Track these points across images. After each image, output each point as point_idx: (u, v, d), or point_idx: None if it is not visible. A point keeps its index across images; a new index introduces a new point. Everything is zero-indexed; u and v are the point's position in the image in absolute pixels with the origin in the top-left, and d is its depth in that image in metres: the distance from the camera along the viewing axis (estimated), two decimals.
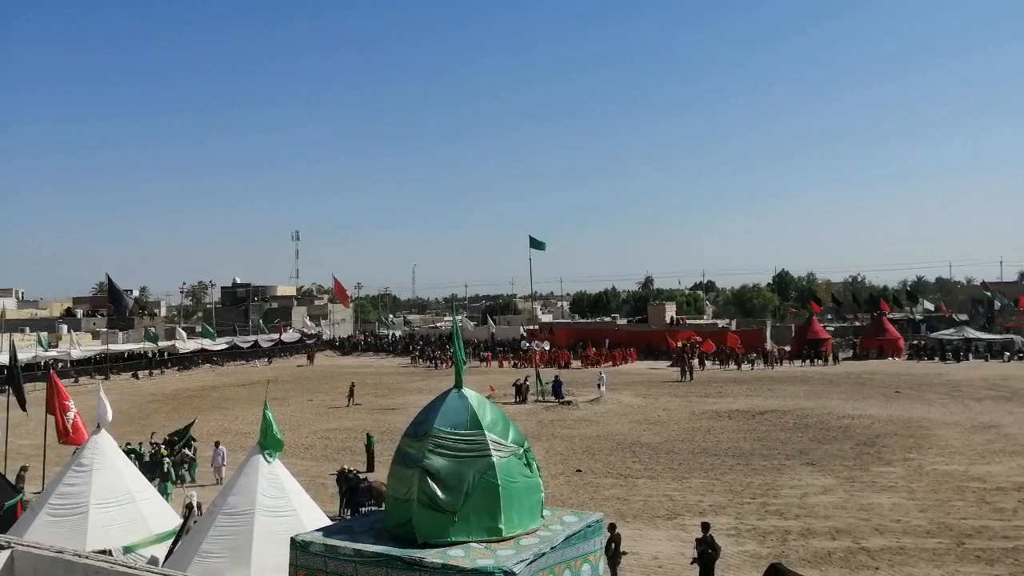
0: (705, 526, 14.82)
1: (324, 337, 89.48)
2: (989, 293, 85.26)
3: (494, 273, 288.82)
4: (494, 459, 9.41)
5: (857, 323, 77.07)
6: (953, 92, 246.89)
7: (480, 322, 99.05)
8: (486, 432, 9.58)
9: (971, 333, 64.57)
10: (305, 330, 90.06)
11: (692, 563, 14.54)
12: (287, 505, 11.59)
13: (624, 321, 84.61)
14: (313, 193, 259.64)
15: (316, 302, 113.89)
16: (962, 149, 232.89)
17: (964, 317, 77.54)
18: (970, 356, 59.56)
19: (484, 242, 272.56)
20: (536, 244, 48.57)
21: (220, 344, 74.65)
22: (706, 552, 14.16)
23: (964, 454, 26.00)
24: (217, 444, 25.95)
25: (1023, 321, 72.38)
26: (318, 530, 10.11)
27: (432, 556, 8.68)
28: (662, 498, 21.66)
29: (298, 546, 9.35)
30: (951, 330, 65.89)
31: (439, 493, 9.16)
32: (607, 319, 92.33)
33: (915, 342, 64.91)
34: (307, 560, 9.26)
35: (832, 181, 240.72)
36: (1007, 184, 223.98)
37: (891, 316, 70.81)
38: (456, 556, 8.70)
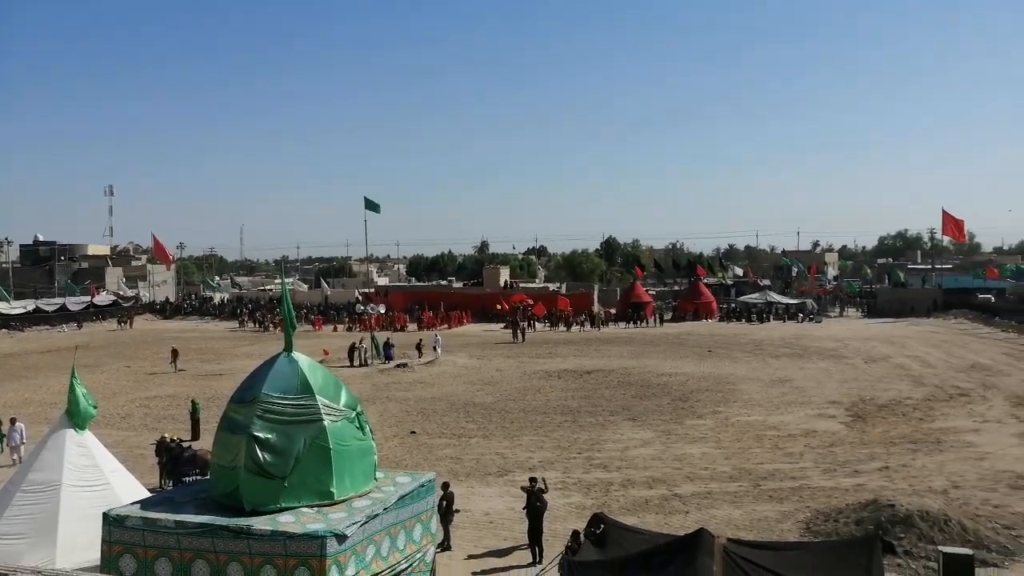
0: (532, 480, 15.44)
1: (143, 300, 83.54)
2: (788, 260, 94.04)
3: (328, 235, 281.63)
4: (325, 423, 9.30)
5: (676, 287, 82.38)
6: (759, 82, 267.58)
7: (313, 285, 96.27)
8: (317, 396, 9.44)
9: (773, 297, 70.96)
10: (121, 292, 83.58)
11: (523, 510, 15.07)
12: (99, 478, 10.83)
13: (460, 285, 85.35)
14: (127, 145, 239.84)
15: (134, 263, 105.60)
16: (765, 135, 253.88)
17: (767, 282, 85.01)
18: (771, 318, 65.54)
19: (317, 203, 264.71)
20: (371, 206, 47.69)
21: (17, 308, 67.72)
22: (535, 505, 14.80)
23: (763, 406, 28.72)
24: (13, 421, 23.11)
25: (815, 286, 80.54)
26: (135, 503, 9.56)
27: (260, 523, 8.49)
28: (494, 456, 22.30)
29: (111, 521, 8.82)
30: (756, 294, 72.05)
31: (267, 459, 8.95)
32: (443, 283, 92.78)
33: (725, 305, 70.36)
34: (123, 535, 8.75)
35: (655, 155, 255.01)
36: (805, 164, 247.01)
37: (706, 281, 76.31)
38: (286, 522, 8.56)
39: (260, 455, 8.85)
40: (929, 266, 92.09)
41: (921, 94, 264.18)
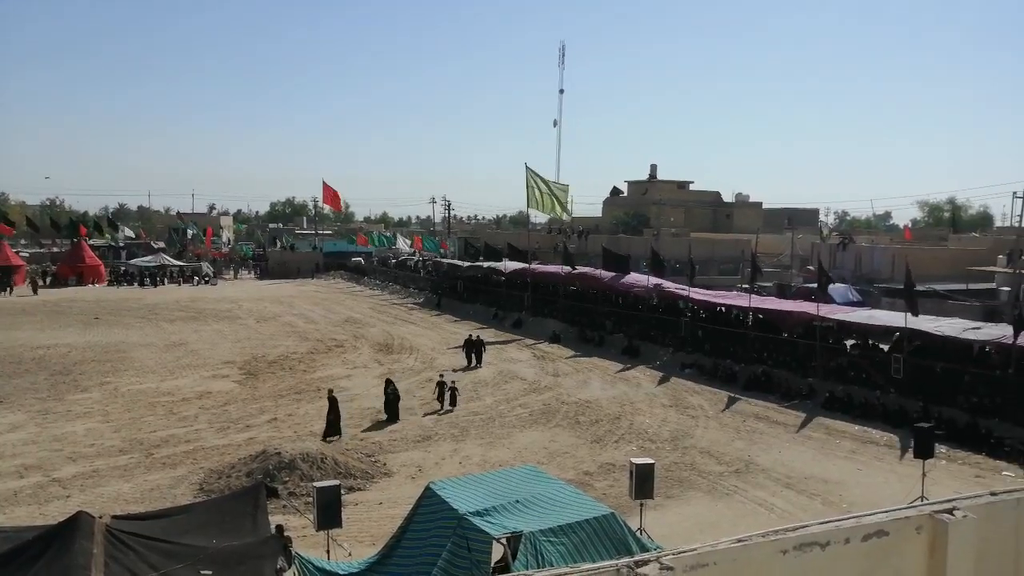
0: None
1: None
2: (183, 223, 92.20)
3: None
4: None
5: (56, 249, 73.12)
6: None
7: None
8: None
9: (166, 260, 68.81)
10: None
11: None
12: None
13: None
14: None
15: None
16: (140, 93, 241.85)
17: (162, 244, 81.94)
18: (166, 281, 63.59)
19: None
20: None
21: None
22: None
23: (157, 372, 27.89)
24: None
25: (210, 249, 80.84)
26: None
27: None
28: None
29: None
30: (150, 257, 68.83)
31: None
32: None
33: (116, 268, 65.47)
34: None
35: (23, 92, 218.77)
36: (195, 127, 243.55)
37: (92, 243, 69.59)
38: None
39: None
40: (314, 232, 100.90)
41: (309, 79, 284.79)
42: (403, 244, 79.65)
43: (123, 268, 65.77)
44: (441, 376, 23.81)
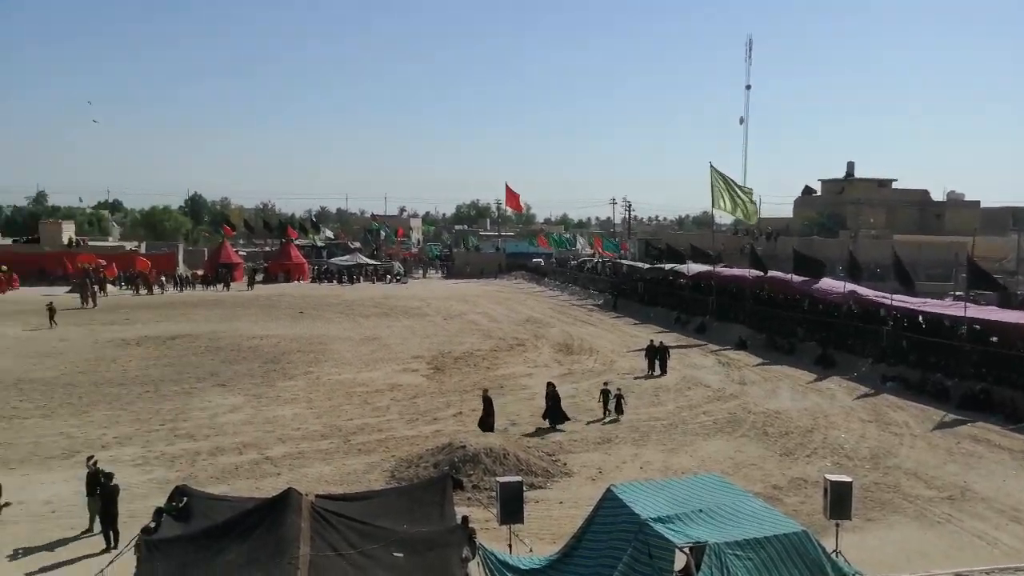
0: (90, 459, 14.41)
1: None
2: (377, 224, 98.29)
3: None
4: None
5: (268, 248, 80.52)
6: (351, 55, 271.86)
7: None
8: None
9: (362, 259, 73.64)
10: None
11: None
12: None
13: (9, 241, 72.37)
14: None
15: None
16: (357, 104, 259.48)
17: (358, 244, 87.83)
18: (361, 279, 68.03)
19: None
20: None
21: None
22: (105, 486, 13.57)
23: (353, 364, 29.86)
24: None
25: (401, 249, 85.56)
26: None
27: None
28: (57, 436, 19.67)
29: None
30: (347, 257, 74.00)
31: None
32: None
33: (317, 267, 70.97)
34: None
35: (238, 107, 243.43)
36: (391, 131, 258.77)
37: (298, 242, 75.94)
38: None
39: None
40: (496, 233, 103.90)
41: (485, 88, 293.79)
42: (583, 245, 79.96)
43: (324, 266, 71.16)
44: (606, 384, 23.27)
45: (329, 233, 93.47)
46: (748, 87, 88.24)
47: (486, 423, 20.13)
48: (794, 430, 20.88)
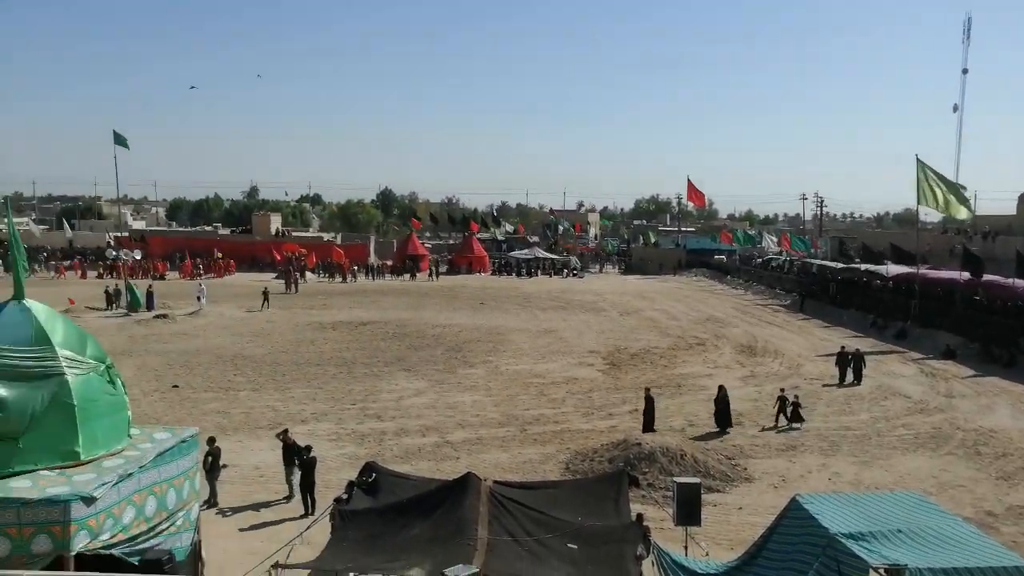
0: (285, 432, 15.74)
1: None
2: (555, 219, 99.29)
3: (71, 171, 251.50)
4: (68, 377, 8.46)
5: (451, 241, 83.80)
6: (535, 49, 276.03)
7: (55, 226, 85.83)
8: (57, 348, 8.53)
9: (540, 253, 74.67)
10: None
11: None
12: None
13: (227, 231, 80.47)
14: None
15: None
16: (539, 101, 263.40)
17: (536, 239, 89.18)
18: (539, 272, 69.03)
19: (58, 134, 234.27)
20: (120, 140, 43.31)
21: None
22: (304, 457, 14.69)
23: (530, 355, 30.34)
24: None
25: (579, 243, 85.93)
26: None
27: None
28: (265, 409, 21.59)
29: None
30: (526, 250, 75.35)
31: None
32: (208, 228, 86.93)
33: (497, 259, 72.88)
34: None
35: (433, 110, 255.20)
36: (573, 128, 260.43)
37: (480, 236, 78.38)
38: (21, 487, 7.74)
39: None
40: (676, 228, 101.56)
41: (672, 75, 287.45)
42: (769, 243, 76.22)
43: (504, 259, 72.95)
44: (782, 391, 21.90)
45: (509, 227, 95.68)
46: (965, 71, 79.77)
47: (646, 422, 19.70)
48: (1014, 451, 18.66)
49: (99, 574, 6.83)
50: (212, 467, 14.56)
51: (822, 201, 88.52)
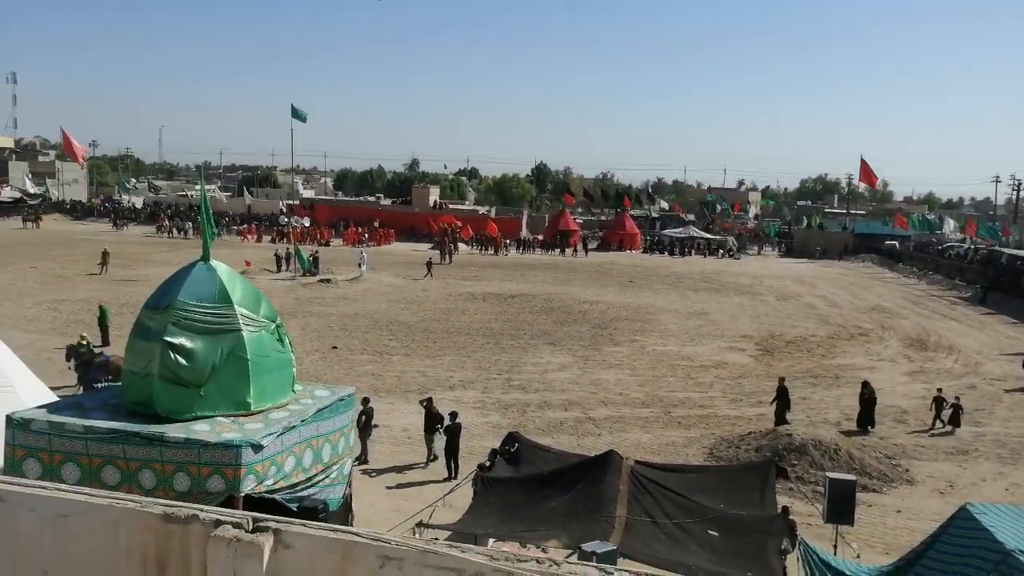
0: (430, 401, 16.18)
1: (51, 199, 79.15)
2: (713, 197, 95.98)
3: (253, 143, 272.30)
4: (244, 334, 9.15)
5: (604, 218, 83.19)
6: (698, 24, 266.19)
7: (236, 194, 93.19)
8: (236, 306, 9.25)
9: (695, 232, 72.58)
10: (27, 189, 78.81)
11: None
12: (2, 381, 10.46)
13: (388, 202, 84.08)
14: (33, 29, 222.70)
15: (40, 158, 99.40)
16: (701, 74, 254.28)
17: (691, 217, 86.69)
18: (692, 252, 67.18)
19: (243, 109, 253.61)
20: (298, 115, 46.19)
21: None
22: (446, 423, 15.24)
23: (678, 336, 29.72)
24: None
25: (737, 223, 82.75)
26: (41, 407, 9.29)
27: (174, 431, 8.40)
28: (415, 374, 22.53)
29: (16, 424, 8.57)
30: (680, 229, 73.50)
31: (183, 367, 8.78)
32: (371, 199, 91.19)
33: (649, 238, 71.65)
34: (27, 439, 8.53)
35: (589, 83, 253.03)
36: (736, 104, 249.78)
37: (632, 213, 77.27)
38: (200, 430, 8.50)
39: (175, 362, 8.69)
40: (845, 211, 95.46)
41: (849, 46, 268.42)
42: (951, 228, 69.99)
43: (656, 237, 71.59)
44: (939, 391, 20.04)
45: (664, 204, 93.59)
46: None
47: (779, 414, 18.66)
48: None
49: (267, 515, 7.43)
50: (365, 426, 15.39)
51: (1020, 184, 79.91)
